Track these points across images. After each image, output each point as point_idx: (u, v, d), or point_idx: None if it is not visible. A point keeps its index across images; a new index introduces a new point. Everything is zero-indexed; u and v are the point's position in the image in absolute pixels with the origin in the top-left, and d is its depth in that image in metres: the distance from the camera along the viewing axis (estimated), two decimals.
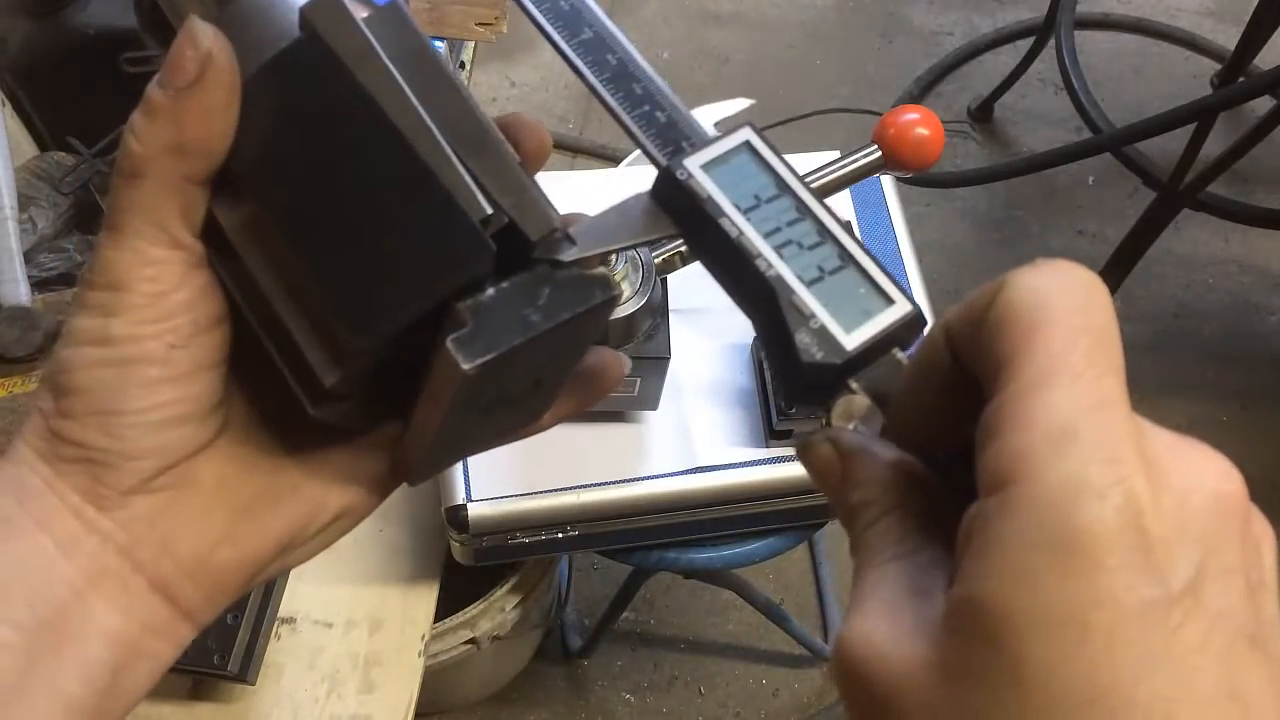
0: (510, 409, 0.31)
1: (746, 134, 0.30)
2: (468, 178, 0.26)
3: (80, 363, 0.27)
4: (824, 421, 0.28)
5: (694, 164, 0.29)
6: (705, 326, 0.85)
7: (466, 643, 1.00)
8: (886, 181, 0.92)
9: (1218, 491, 0.22)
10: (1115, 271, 1.62)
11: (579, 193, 0.91)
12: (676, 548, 0.90)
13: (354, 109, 0.27)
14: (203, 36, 0.27)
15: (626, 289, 0.70)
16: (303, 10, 0.27)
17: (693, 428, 0.82)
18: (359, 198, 0.27)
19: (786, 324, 0.27)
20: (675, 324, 0.75)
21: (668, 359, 0.74)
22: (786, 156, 0.29)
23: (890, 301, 0.28)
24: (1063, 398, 0.21)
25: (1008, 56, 2.00)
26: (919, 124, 0.69)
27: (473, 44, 1.08)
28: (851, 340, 0.27)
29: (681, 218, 0.29)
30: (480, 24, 0.99)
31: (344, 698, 0.81)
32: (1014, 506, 0.21)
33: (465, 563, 0.85)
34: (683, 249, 0.73)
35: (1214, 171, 1.46)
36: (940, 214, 1.86)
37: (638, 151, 0.30)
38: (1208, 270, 1.81)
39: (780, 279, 0.27)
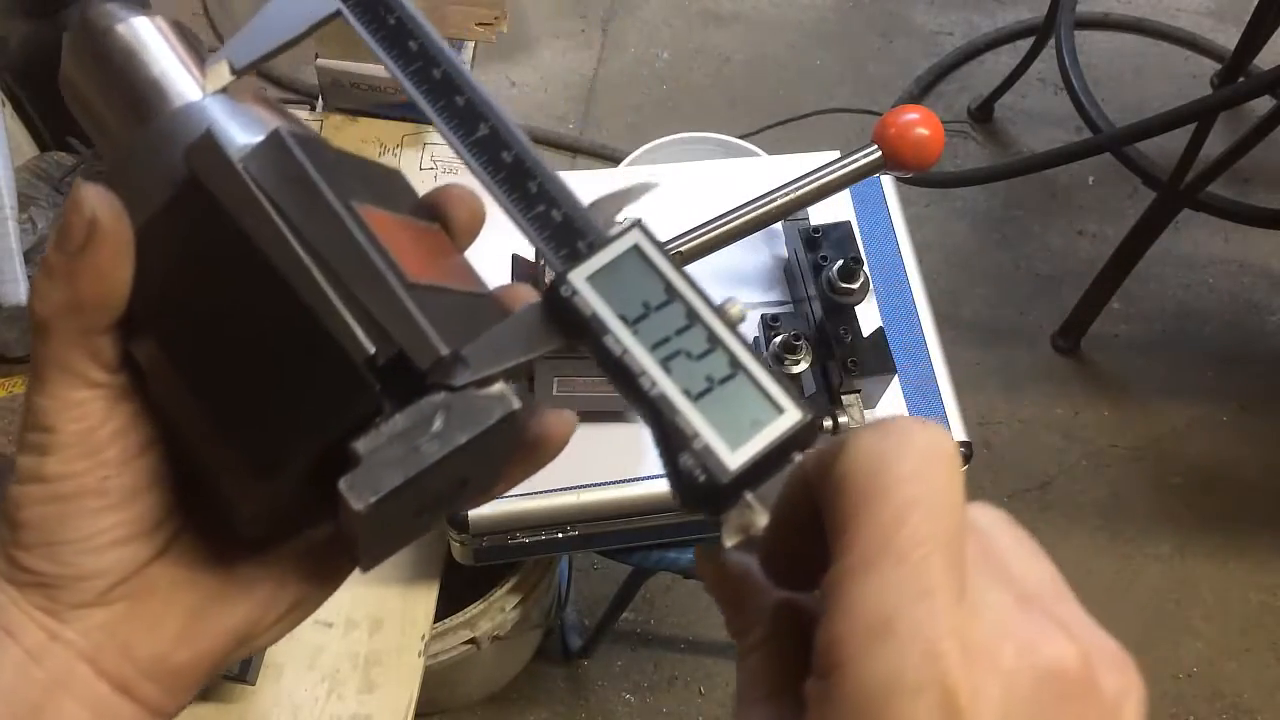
0: (445, 501, 0.31)
1: (635, 237, 0.29)
2: (348, 316, 0.26)
3: (24, 500, 0.29)
4: (722, 539, 0.27)
5: (579, 277, 0.28)
6: None
7: (466, 643, 1.00)
8: (886, 181, 0.92)
9: (1051, 670, 0.21)
10: (1115, 272, 1.62)
11: (579, 193, 0.91)
12: (676, 548, 0.90)
13: (237, 254, 0.27)
14: (86, 202, 0.27)
15: None
16: (185, 153, 0.28)
17: None
18: (247, 343, 0.27)
19: (670, 445, 0.27)
20: None
21: None
22: (784, 157, 0.29)
23: (780, 411, 0.27)
24: (884, 584, 0.21)
25: (1008, 56, 2.00)
26: (919, 124, 0.69)
27: (473, 44, 1.08)
28: (736, 459, 0.26)
29: (570, 333, 0.29)
30: (480, 24, 0.99)
31: (344, 698, 0.80)
32: (831, 699, 0.20)
33: (465, 563, 0.85)
34: (682, 249, 0.73)
35: (1214, 171, 1.46)
36: (940, 214, 1.86)
37: (639, 151, 0.29)
38: (1208, 270, 1.81)
39: (663, 398, 0.27)
